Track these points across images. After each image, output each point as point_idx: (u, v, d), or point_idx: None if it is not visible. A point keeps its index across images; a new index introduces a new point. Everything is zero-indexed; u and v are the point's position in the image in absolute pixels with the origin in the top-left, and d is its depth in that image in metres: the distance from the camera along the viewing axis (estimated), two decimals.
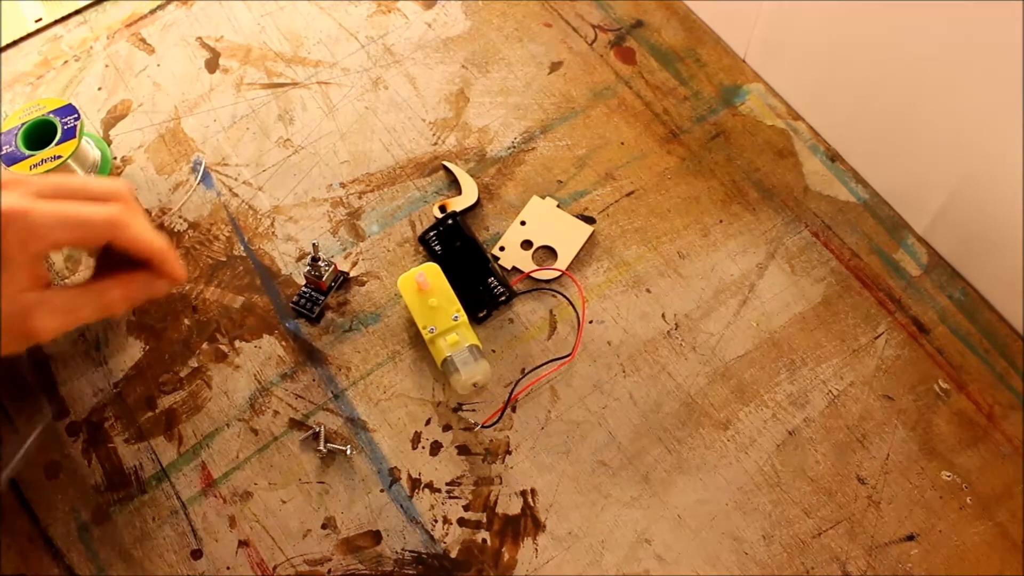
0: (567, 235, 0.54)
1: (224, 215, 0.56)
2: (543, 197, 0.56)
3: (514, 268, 0.54)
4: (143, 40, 0.63)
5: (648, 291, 0.53)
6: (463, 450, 0.49)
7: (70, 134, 0.52)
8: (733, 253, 0.54)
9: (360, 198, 0.56)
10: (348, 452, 0.49)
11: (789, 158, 0.58)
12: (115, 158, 0.58)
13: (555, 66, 0.61)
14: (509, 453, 0.49)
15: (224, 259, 0.55)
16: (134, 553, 0.47)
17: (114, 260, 0.47)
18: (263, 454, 0.49)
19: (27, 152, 0.52)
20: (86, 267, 0.56)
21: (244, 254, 0.55)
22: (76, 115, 0.53)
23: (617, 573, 0.46)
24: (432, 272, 0.50)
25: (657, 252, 0.54)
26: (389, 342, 0.52)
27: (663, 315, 0.52)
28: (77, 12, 0.64)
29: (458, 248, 0.53)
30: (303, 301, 0.52)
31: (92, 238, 0.47)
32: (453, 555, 0.46)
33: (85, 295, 0.48)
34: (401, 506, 0.48)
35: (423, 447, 0.49)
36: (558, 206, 0.56)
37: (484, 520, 0.47)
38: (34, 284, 0.46)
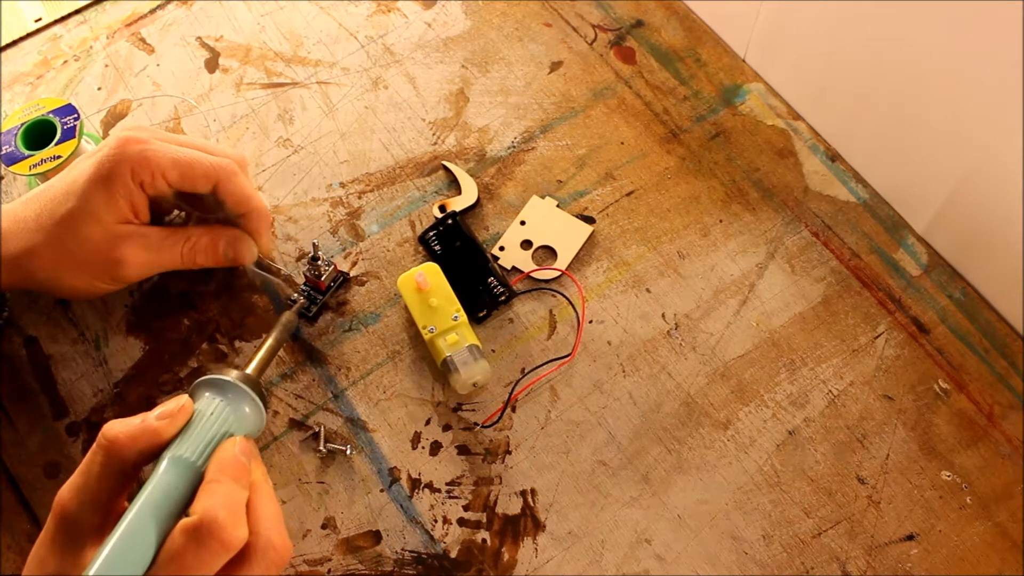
0: (567, 235, 0.54)
1: None
2: (543, 197, 0.56)
3: (514, 268, 0.54)
4: (143, 40, 0.63)
5: (648, 291, 0.53)
6: (463, 450, 0.49)
7: (70, 134, 0.52)
8: (733, 253, 0.54)
9: (360, 198, 0.56)
10: (348, 452, 0.49)
11: (789, 158, 0.58)
12: None
13: (555, 66, 0.61)
14: (509, 453, 0.49)
15: None
16: None
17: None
18: (263, 454, 0.49)
19: (26, 152, 0.52)
20: None
21: None
22: (76, 115, 0.53)
23: (617, 573, 0.46)
24: (432, 272, 0.50)
25: (657, 252, 0.54)
26: (389, 342, 0.52)
27: (663, 315, 0.52)
28: (77, 12, 0.64)
29: (458, 248, 0.53)
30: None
31: (200, 180, 0.48)
32: (453, 555, 0.46)
33: (174, 235, 0.49)
34: (401, 506, 0.48)
35: (423, 447, 0.49)
36: (558, 206, 0.56)
37: (484, 520, 0.47)
38: (130, 218, 0.47)
